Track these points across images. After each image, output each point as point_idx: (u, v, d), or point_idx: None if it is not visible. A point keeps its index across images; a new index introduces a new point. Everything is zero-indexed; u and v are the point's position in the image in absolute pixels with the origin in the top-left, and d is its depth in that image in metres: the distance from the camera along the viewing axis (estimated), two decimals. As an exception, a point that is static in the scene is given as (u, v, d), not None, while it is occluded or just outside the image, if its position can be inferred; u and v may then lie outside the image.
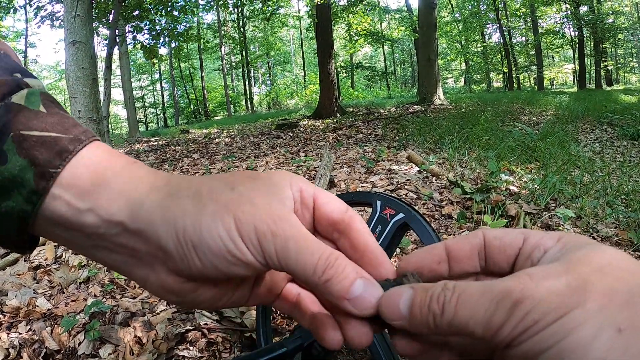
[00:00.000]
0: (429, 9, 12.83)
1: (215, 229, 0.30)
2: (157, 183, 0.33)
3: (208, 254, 0.31)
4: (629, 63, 33.10)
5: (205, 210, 0.31)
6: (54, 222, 0.32)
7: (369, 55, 41.83)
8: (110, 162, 0.33)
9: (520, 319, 0.24)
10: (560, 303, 0.24)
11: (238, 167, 4.77)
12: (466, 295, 0.27)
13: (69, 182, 0.31)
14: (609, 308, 0.23)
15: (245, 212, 0.31)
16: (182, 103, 32.91)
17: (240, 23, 26.37)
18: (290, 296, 0.39)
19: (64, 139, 0.32)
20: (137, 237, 0.32)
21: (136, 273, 0.34)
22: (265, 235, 0.30)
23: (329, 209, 0.35)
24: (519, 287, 0.25)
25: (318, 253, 0.30)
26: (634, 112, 8.51)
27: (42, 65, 36.18)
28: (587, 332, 0.23)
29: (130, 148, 9.49)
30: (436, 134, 5.99)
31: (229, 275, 0.32)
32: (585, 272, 0.25)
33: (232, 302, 0.36)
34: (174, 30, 8.33)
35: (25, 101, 0.32)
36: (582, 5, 22.79)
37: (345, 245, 0.35)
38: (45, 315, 1.58)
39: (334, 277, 0.30)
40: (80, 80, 4.51)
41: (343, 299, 0.30)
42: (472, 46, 30.65)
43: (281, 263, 0.30)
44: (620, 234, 2.32)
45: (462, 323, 0.26)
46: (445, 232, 2.29)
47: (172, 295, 0.34)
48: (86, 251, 0.34)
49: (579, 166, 4.13)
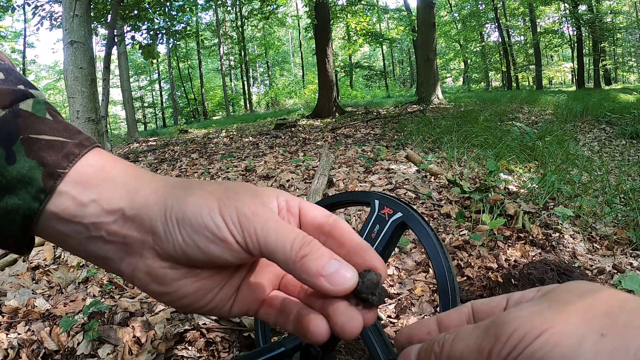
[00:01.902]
0: (428, 8, 12.84)
1: (198, 208, 0.33)
2: (155, 178, 0.36)
3: (189, 229, 0.33)
4: (627, 62, 33.10)
5: (193, 193, 0.34)
6: (57, 217, 0.34)
7: (368, 55, 41.80)
8: (114, 164, 0.36)
9: (507, 339, 0.26)
10: (543, 320, 0.25)
11: (236, 167, 4.76)
12: (461, 332, 0.30)
13: (75, 180, 0.34)
14: (591, 319, 0.24)
15: (230, 197, 0.34)
16: (180, 103, 32.85)
17: (238, 23, 26.37)
18: (275, 303, 0.39)
19: (70, 143, 0.34)
20: (131, 223, 0.34)
21: (126, 262, 0.35)
22: (247, 215, 0.33)
23: (313, 214, 0.37)
24: (504, 315, 0.27)
25: (294, 233, 0.33)
26: (632, 111, 8.52)
27: (40, 65, 36.11)
28: (572, 341, 0.24)
29: (129, 148, 9.47)
30: (435, 133, 6.00)
31: (209, 255, 0.33)
32: (565, 296, 0.27)
33: (216, 303, 0.37)
34: (171, 29, 8.31)
35: (32, 109, 0.34)
36: (580, 5, 22.80)
37: (333, 245, 0.35)
38: (44, 316, 1.58)
39: (310, 253, 0.32)
40: (78, 80, 4.50)
41: (319, 275, 0.32)
42: (470, 45, 30.65)
43: (260, 241, 0.32)
44: (618, 233, 2.33)
45: (457, 355, 0.29)
46: (444, 232, 2.30)
47: (156, 284, 0.35)
48: (81, 245, 0.35)
49: (578, 165, 4.14)
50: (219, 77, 31.78)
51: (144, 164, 6.20)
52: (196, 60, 30.61)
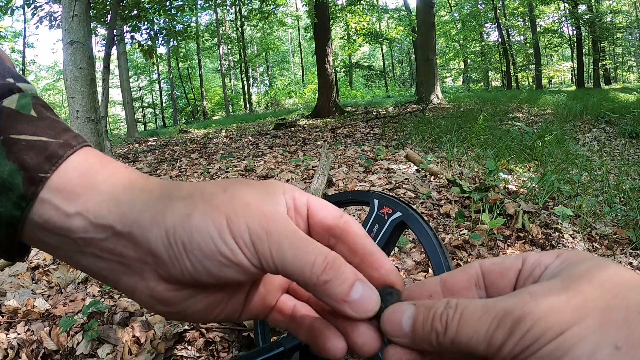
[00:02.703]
0: (427, 7, 12.86)
1: (206, 228, 0.29)
2: (148, 186, 0.32)
3: (199, 255, 0.29)
4: (627, 62, 33.10)
5: (196, 209, 0.30)
6: (41, 227, 0.31)
7: (368, 55, 41.81)
8: (100, 167, 0.32)
9: (521, 337, 0.24)
10: (560, 320, 0.24)
11: (236, 167, 4.76)
12: (468, 313, 0.27)
13: (58, 187, 0.30)
14: (607, 325, 0.23)
15: (237, 211, 0.30)
16: (180, 103, 32.86)
17: (238, 23, 26.37)
18: (286, 308, 0.38)
19: (53, 143, 0.31)
20: (126, 241, 0.31)
21: (124, 282, 0.32)
22: (259, 234, 0.29)
23: (322, 215, 0.34)
24: (520, 305, 0.25)
25: (315, 253, 0.29)
26: (632, 111, 8.52)
27: (40, 65, 36.14)
28: (585, 349, 0.23)
29: (129, 148, 9.48)
30: (434, 133, 5.99)
31: (222, 279, 0.30)
32: (586, 288, 0.25)
33: (225, 315, 0.35)
34: (172, 29, 8.32)
35: (16, 105, 0.31)
36: (580, 4, 22.81)
37: (343, 250, 0.34)
38: (43, 316, 1.58)
39: (333, 278, 0.29)
40: (78, 81, 4.50)
41: (343, 302, 0.30)
42: (470, 45, 30.65)
43: (276, 264, 0.29)
44: (618, 233, 2.33)
45: (464, 341, 0.26)
46: (444, 231, 2.29)
47: (162, 305, 0.32)
48: (72, 258, 0.33)
49: (578, 165, 4.14)
50: (219, 77, 31.77)
51: (144, 164, 6.20)
52: (196, 60, 30.63)
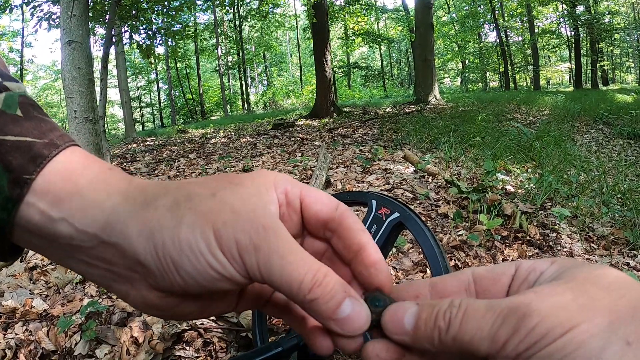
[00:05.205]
0: (426, 8, 12.87)
1: (195, 243, 0.29)
2: (132, 191, 0.31)
3: (189, 270, 0.29)
4: (625, 63, 33.15)
5: (183, 221, 0.29)
6: (29, 231, 0.30)
7: (366, 55, 41.82)
8: (85, 169, 0.31)
9: (527, 333, 0.24)
10: (568, 318, 0.23)
11: (234, 166, 4.76)
12: (472, 310, 0.26)
13: (43, 190, 0.30)
14: (616, 323, 0.23)
15: (226, 222, 0.29)
16: (178, 103, 32.85)
17: (236, 23, 26.36)
18: (281, 301, 0.38)
19: (38, 143, 0.30)
20: (114, 250, 0.30)
21: (116, 288, 0.32)
22: (247, 248, 0.29)
23: (317, 208, 0.33)
24: (525, 303, 0.25)
25: (304, 269, 0.29)
26: (629, 112, 8.55)
27: (38, 65, 36.07)
28: (595, 345, 0.22)
29: (127, 148, 9.47)
30: (432, 133, 6.00)
31: (213, 289, 0.30)
32: (591, 289, 0.25)
33: (220, 310, 0.35)
34: (170, 29, 8.31)
35: (2, 105, 0.31)
36: (578, 5, 22.86)
37: (338, 244, 0.33)
38: (41, 316, 1.58)
39: (320, 296, 0.29)
40: (76, 80, 4.49)
41: (329, 320, 0.29)
42: (468, 46, 30.69)
43: (264, 279, 0.29)
44: (615, 233, 2.34)
45: (467, 338, 0.26)
46: (442, 232, 2.30)
47: (155, 310, 0.32)
48: (64, 262, 0.32)
49: (575, 165, 4.15)
50: (217, 77, 31.75)
51: (142, 164, 6.20)
52: (194, 60, 30.60)
